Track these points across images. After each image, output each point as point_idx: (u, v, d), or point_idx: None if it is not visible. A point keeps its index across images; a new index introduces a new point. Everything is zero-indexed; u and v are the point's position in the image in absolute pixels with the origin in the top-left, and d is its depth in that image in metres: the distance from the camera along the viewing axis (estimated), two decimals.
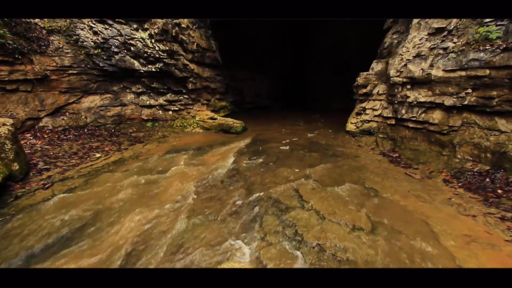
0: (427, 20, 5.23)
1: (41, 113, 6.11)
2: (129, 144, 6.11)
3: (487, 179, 3.85)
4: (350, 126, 7.02)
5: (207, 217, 3.02)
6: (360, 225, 2.82)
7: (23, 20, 5.87)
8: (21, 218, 2.91)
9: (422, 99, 5.11)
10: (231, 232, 2.72)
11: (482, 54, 4.22)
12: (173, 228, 2.78)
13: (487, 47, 4.22)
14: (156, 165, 4.82)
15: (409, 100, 5.34)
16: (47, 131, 6.00)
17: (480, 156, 4.25)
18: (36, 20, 6.13)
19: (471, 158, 4.34)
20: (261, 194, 3.59)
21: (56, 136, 5.89)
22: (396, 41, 6.24)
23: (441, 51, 4.89)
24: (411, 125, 5.46)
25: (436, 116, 4.98)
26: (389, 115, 6.00)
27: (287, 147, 6.11)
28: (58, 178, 4.03)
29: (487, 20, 4.44)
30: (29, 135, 5.64)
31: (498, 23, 4.34)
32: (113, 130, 6.97)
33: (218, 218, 3.00)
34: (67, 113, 6.63)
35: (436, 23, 5.00)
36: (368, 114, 6.58)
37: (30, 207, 3.15)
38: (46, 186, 3.74)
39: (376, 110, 6.38)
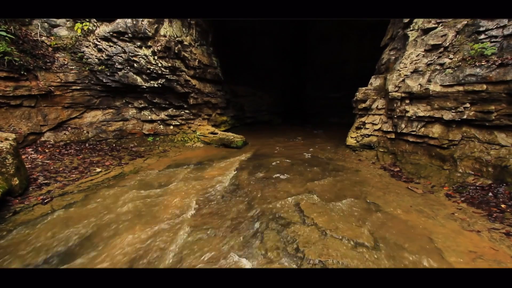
0: (423, 37, 5.38)
1: (43, 128, 6.16)
2: (130, 159, 6.11)
3: (490, 194, 3.82)
4: (350, 141, 7.04)
5: (207, 233, 2.97)
6: (362, 241, 2.77)
7: (31, 38, 6.05)
8: (17, 234, 2.87)
9: (421, 114, 5.16)
10: (231, 248, 2.67)
11: (478, 70, 4.30)
12: (172, 244, 2.73)
13: (483, 63, 4.31)
14: (156, 180, 4.80)
15: (408, 114, 5.39)
16: (48, 146, 6.02)
17: (481, 170, 4.23)
18: (43, 38, 6.31)
19: (473, 172, 4.32)
20: (262, 209, 3.55)
21: (58, 150, 5.91)
22: (393, 57, 6.38)
23: (438, 67, 4.99)
24: (411, 139, 5.47)
25: (436, 130, 5.00)
26: (389, 129, 6.04)
27: (288, 161, 6.11)
28: (57, 193, 4.01)
29: (482, 36, 4.56)
30: (30, 149, 5.67)
31: (493, 40, 4.46)
32: (114, 145, 7.00)
33: (218, 234, 2.96)
34: (69, 128, 6.69)
35: (432, 40, 5.13)
36: (368, 128, 6.61)
37: (28, 222, 3.12)
38: (45, 201, 3.71)
39: (375, 124, 6.42)
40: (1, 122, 5.43)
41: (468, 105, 4.49)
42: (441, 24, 5.11)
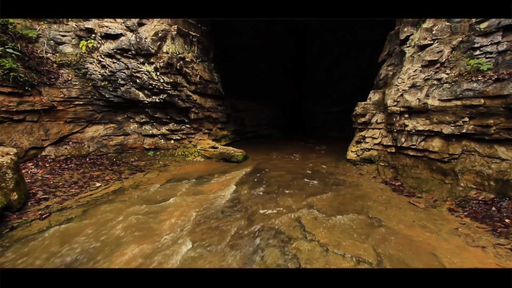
0: (419, 53, 5.50)
1: (44, 142, 6.19)
2: (130, 173, 6.09)
3: (493, 208, 3.77)
4: (351, 155, 7.04)
5: (207, 249, 2.92)
6: (365, 258, 2.71)
7: (36, 54, 6.20)
8: (13, 250, 2.82)
9: (421, 128, 5.19)
10: (231, 265, 2.61)
11: (475, 85, 4.36)
12: (172, 260, 2.67)
13: (479, 78, 4.38)
14: (156, 194, 4.77)
15: (408, 128, 5.42)
16: (49, 160, 6.02)
17: (483, 184, 4.20)
18: (49, 54, 6.47)
19: (475, 186, 4.29)
20: (263, 224, 3.51)
21: (58, 165, 5.91)
22: (391, 72, 6.50)
23: (435, 82, 5.07)
24: (411, 153, 5.48)
25: (436, 144, 5.01)
26: (389, 143, 6.05)
27: (288, 176, 6.08)
28: (56, 208, 3.97)
29: (477, 52, 4.66)
30: (31, 164, 5.67)
31: (488, 56, 4.56)
32: (114, 159, 7.00)
33: (219, 250, 2.90)
34: (70, 142, 6.71)
35: (429, 56, 5.25)
36: (368, 142, 6.63)
37: (25, 238, 3.07)
38: (43, 216, 3.67)
39: (375, 138, 6.45)
40: (3, 136, 5.46)
41: (466, 119, 4.52)
42: (436, 40, 5.24)
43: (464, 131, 4.55)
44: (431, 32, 5.30)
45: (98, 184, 5.18)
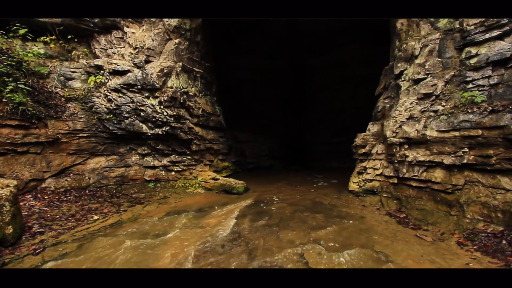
0: (414, 86, 5.70)
1: (45, 174, 6.18)
2: (129, 206, 5.99)
3: (504, 241, 3.63)
4: (353, 186, 6.96)
5: None
6: None
7: (46, 89, 6.47)
8: None
9: (421, 158, 5.20)
10: None
11: (471, 116, 4.46)
12: None
13: (474, 110, 4.49)
14: (154, 228, 4.64)
15: (409, 159, 5.43)
16: (48, 192, 5.97)
17: (490, 216, 4.10)
18: (58, 89, 6.75)
19: (482, 218, 4.17)
20: (264, 260, 3.36)
21: (57, 197, 5.84)
22: (388, 105, 6.68)
23: (432, 113, 5.19)
24: (414, 184, 5.42)
25: (438, 174, 4.98)
26: (390, 174, 6.01)
27: (290, 208, 5.95)
28: (51, 243, 3.85)
29: (470, 86, 4.84)
30: (29, 196, 5.61)
31: (481, 89, 4.73)
32: (114, 191, 6.93)
33: None
34: (71, 174, 6.71)
35: (423, 89, 5.44)
36: (369, 173, 6.59)
37: None
38: (37, 251, 3.55)
39: (377, 169, 6.42)
40: (5, 168, 5.48)
41: (466, 149, 4.55)
42: (429, 75, 5.47)
43: (465, 161, 4.55)
44: (424, 67, 5.55)
45: (95, 217, 5.07)
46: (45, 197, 5.72)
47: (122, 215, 5.32)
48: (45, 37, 7.04)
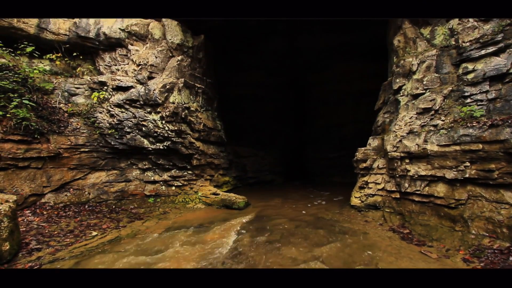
0: (413, 101, 5.77)
1: (45, 189, 6.16)
2: (128, 221, 5.92)
3: (511, 258, 3.54)
4: (355, 201, 6.88)
5: None
6: None
7: (50, 105, 6.57)
8: None
9: (423, 173, 5.17)
10: None
11: (471, 130, 4.47)
12: None
13: (474, 124, 4.51)
14: (153, 244, 4.56)
15: (410, 173, 5.39)
16: (47, 208, 5.92)
17: (496, 231, 4.02)
18: (61, 105, 6.85)
19: (487, 234, 4.09)
20: None
21: (56, 212, 5.79)
22: (388, 119, 6.73)
23: (432, 128, 5.22)
24: (416, 198, 5.35)
25: (440, 189, 4.94)
26: (392, 189, 5.96)
27: (292, 223, 5.86)
28: (47, 260, 3.77)
29: (468, 100, 4.89)
30: (28, 211, 5.56)
31: (479, 103, 4.77)
32: (114, 206, 6.86)
33: None
34: (71, 189, 6.68)
35: (422, 104, 5.50)
36: (371, 188, 6.53)
37: None
38: (33, 269, 3.47)
39: (378, 184, 6.37)
40: (5, 183, 5.47)
41: (468, 163, 4.53)
42: (428, 90, 5.55)
43: (467, 175, 4.52)
44: (422, 82, 5.64)
45: (94, 233, 5.00)
46: (44, 213, 5.67)
47: (121, 231, 5.25)
48: (51, 54, 7.24)
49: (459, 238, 4.31)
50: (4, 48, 6.27)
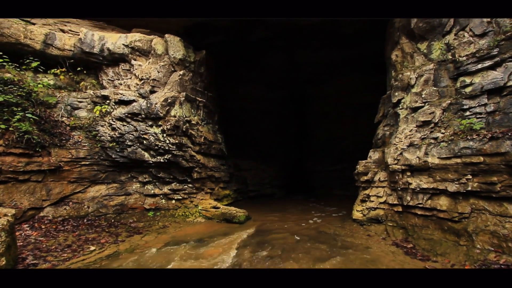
0: (413, 114, 5.81)
1: (44, 203, 6.11)
2: (127, 236, 5.83)
3: None
4: (357, 214, 6.79)
5: None
6: None
7: (53, 118, 6.64)
8: None
9: (425, 186, 5.12)
10: None
11: (471, 143, 4.47)
12: None
13: (474, 136, 4.52)
14: (152, 260, 4.48)
15: (412, 186, 5.35)
16: (46, 222, 5.85)
17: (501, 246, 3.94)
18: (64, 118, 6.92)
19: (493, 248, 4.01)
20: None
21: (54, 226, 5.72)
22: (388, 132, 6.76)
23: (432, 141, 5.23)
24: (419, 212, 5.28)
25: (443, 202, 4.88)
26: (394, 202, 5.90)
27: (293, 238, 5.77)
28: None
29: (467, 113, 4.93)
30: (26, 225, 5.50)
31: (478, 116, 4.80)
32: (113, 220, 6.78)
33: None
34: (71, 203, 6.63)
35: (422, 117, 5.53)
36: (373, 201, 6.46)
37: None
38: None
39: (380, 197, 6.31)
40: (4, 197, 5.45)
41: (470, 176, 4.50)
42: (427, 103, 5.60)
43: (469, 188, 4.48)
44: (421, 96, 5.70)
45: (92, 248, 4.92)
46: (42, 227, 5.60)
47: (120, 246, 5.16)
48: (55, 69, 7.39)
49: (464, 252, 4.22)
50: (10, 64, 6.41)
